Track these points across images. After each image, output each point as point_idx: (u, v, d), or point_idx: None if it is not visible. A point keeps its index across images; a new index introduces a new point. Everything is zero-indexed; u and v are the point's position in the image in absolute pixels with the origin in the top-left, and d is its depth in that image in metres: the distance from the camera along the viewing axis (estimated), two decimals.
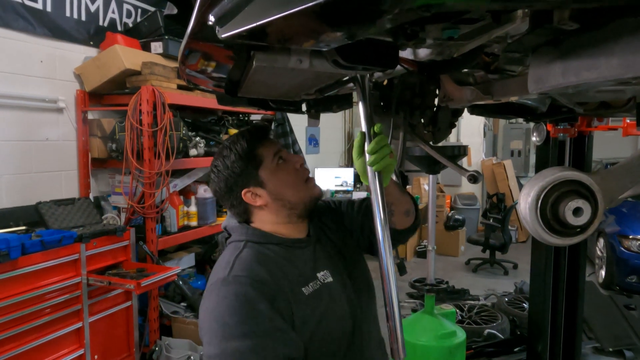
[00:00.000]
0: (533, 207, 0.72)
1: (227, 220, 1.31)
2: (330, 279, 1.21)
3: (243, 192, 1.20)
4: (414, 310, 4.34)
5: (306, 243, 1.25)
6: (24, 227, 2.72)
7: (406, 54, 0.97)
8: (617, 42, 0.49)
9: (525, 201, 0.74)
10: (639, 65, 0.46)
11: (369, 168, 1.08)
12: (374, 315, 1.33)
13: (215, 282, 1.10)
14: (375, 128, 1.09)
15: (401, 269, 2.32)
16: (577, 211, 0.71)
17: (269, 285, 1.08)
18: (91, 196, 3.31)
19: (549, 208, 0.72)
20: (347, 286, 1.24)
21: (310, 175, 1.28)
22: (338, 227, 1.36)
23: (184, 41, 0.91)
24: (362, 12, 0.47)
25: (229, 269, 1.11)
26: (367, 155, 1.08)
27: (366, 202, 1.37)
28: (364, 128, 1.11)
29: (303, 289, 1.14)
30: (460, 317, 3.87)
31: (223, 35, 0.63)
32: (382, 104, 1.75)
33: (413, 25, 0.65)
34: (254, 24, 0.56)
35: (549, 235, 0.72)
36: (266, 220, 1.23)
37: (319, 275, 1.20)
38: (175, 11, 1.30)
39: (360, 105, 1.12)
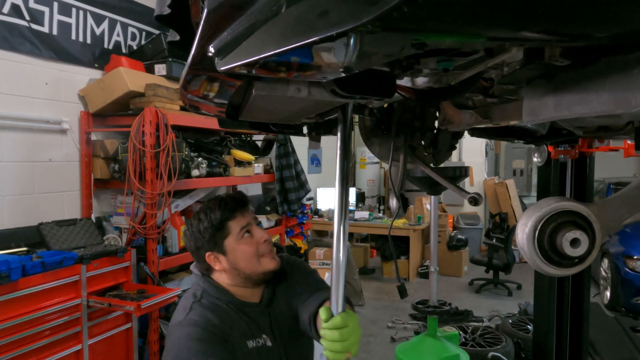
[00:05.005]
0: (530, 238, 0.72)
1: (194, 265, 1.48)
2: (269, 344, 1.36)
3: (207, 254, 1.38)
4: (417, 333, 4.29)
5: (255, 308, 1.41)
6: (25, 248, 2.71)
7: (404, 81, 0.98)
8: (607, 78, 0.50)
9: (522, 231, 0.74)
10: (629, 101, 0.47)
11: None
12: None
13: (174, 325, 1.30)
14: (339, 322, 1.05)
15: (402, 292, 2.30)
16: (574, 242, 0.71)
17: (220, 330, 1.26)
18: (93, 217, 3.31)
19: (547, 239, 0.72)
20: (281, 355, 1.38)
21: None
22: (289, 298, 1.46)
23: (185, 69, 0.92)
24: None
25: (186, 314, 1.30)
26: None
27: (307, 296, 1.44)
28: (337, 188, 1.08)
29: (248, 342, 1.31)
30: (463, 340, 3.82)
31: (222, 68, 0.64)
32: (382, 126, 1.77)
33: (408, 58, 0.66)
34: (252, 58, 0.57)
35: (547, 265, 0.72)
36: (223, 281, 1.41)
37: (263, 336, 1.37)
38: (177, 38, 1.32)
39: (339, 136, 1.11)
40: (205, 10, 0.67)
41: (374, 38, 0.48)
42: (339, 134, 1.09)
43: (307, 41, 0.48)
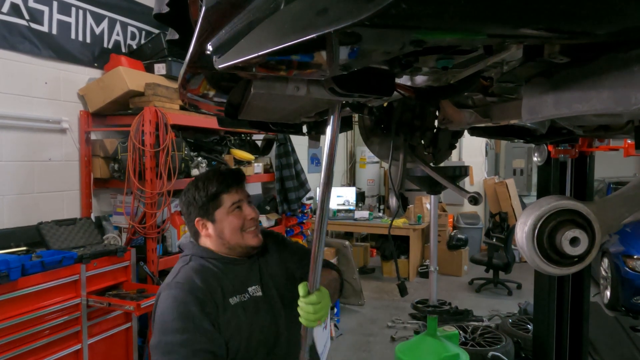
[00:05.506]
0: (530, 237, 0.71)
1: (181, 239, 1.63)
2: (259, 294, 1.47)
3: (196, 219, 1.48)
4: (417, 332, 4.29)
5: (244, 262, 1.51)
6: (24, 248, 2.71)
7: (403, 80, 0.98)
8: (607, 76, 0.50)
9: (522, 230, 0.74)
10: (629, 99, 0.46)
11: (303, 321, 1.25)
12: (299, 327, 1.49)
13: (163, 287, 1.41)
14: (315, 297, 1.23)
15: (402, 290, 2.30)
16: (574, 241, 0.70)
17: (202, 292, 1.35)
18: (93, 216, 3.31)
19: (546, 238, 0.72)
20: (273, 301, 1.49)
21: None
22: (282, 260, 1.59)
23: (183, 67, 0.92)
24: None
25: (174, 277, 1.41)
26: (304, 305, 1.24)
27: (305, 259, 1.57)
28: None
29: (230, 299, 1.40)
30: (463, 339, 3.82)
31: (220, 66, 0.64)
32: (382, 126, 1.76)
33: (407, 56, 0.66)
34: (251, 56, 0.57)
35: (547, 264, 0.71)
36: (208, 246, 1.51)
37: (249, 289, 1.46)
38: (176, 36, 1.32)
39: (328, 130, 1.08)
40: (204, 8, 0.67)
41: (373, 35, 0.47)
42: (327, 133, 1.10)
43: (305, 38, 0.48)
